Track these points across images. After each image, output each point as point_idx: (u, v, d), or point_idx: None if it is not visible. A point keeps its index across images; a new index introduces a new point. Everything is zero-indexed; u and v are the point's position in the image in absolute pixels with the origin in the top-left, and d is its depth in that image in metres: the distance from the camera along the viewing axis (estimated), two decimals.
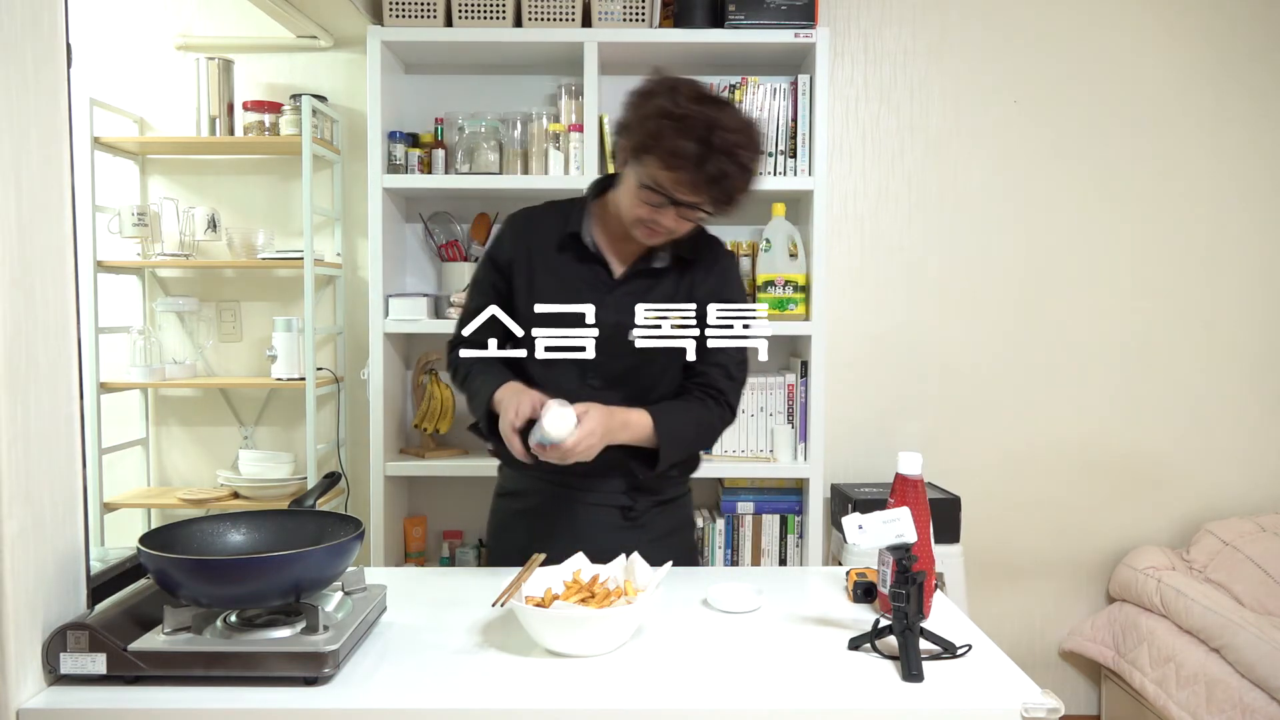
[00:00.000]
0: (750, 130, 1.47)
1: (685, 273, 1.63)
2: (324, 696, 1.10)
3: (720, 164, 1.42)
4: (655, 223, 1.50)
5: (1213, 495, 2.92)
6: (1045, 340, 2.89)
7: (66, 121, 1.17)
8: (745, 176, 1.46)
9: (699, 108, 1.43)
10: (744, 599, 1.42)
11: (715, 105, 1.45)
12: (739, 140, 1.43)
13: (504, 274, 1.63)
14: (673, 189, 1.45)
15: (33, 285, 1.10)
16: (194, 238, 2.72)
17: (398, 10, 2.51)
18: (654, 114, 1.45)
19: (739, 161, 1.43)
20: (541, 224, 1.64)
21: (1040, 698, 1.10)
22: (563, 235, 1.60)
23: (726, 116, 1.44)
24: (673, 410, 1.59)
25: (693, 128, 1.41)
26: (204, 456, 2.89)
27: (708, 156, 1.41)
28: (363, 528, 1.26)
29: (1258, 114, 2.86)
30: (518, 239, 1.64)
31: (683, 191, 1.45)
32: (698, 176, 1.42)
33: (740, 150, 1.43)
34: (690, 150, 1.41)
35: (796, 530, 2.68)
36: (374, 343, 2.57)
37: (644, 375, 1.61)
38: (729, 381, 1.64)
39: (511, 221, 1.68)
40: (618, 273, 1.61)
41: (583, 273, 1.60)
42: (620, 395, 1.58)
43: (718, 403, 1.63)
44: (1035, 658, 2.95)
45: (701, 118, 1.41)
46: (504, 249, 1.64)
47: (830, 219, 2.81)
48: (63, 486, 1.15)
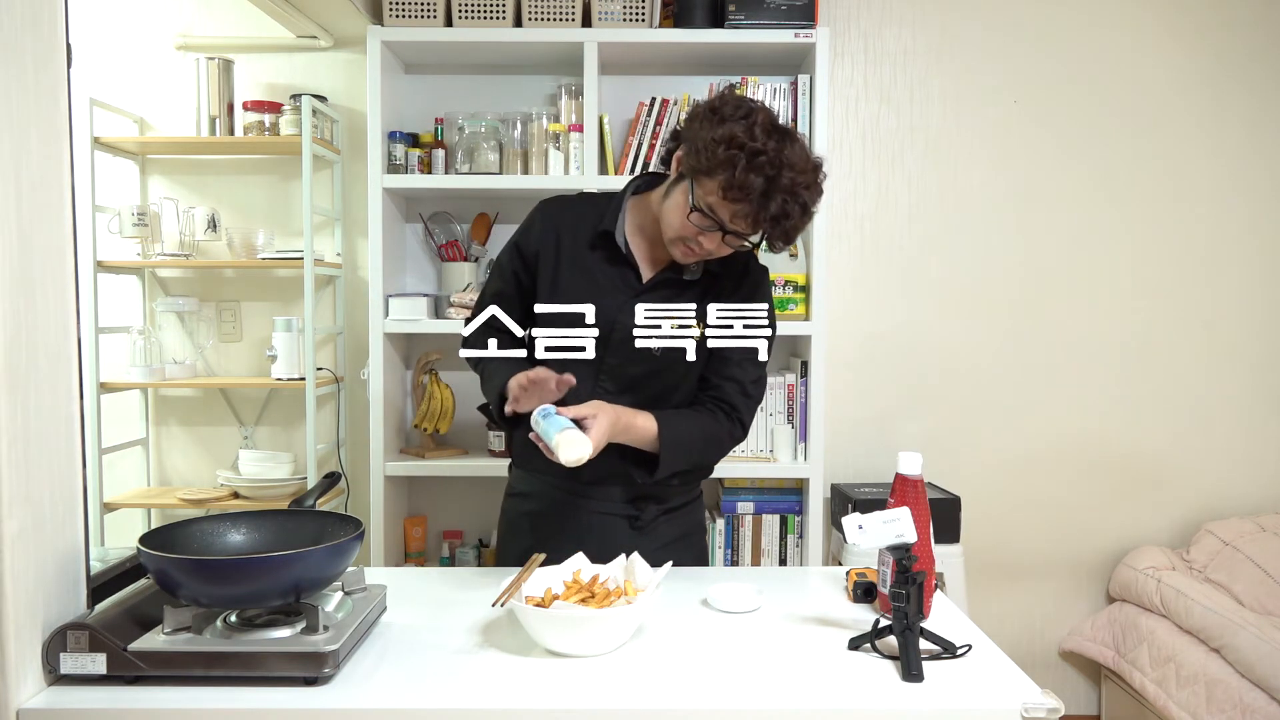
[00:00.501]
0: (817, 171, 1.44)
1: (713, 284, 1.60)
2: (324, 696, 1.10)
3: (784, 204, 1.39)
4: (698, 244, 1.47)
5: (1213, 495, 2.92)
6: (1045, 340, 2.90)
7: (66, 121, 1.17)
8: (806, 218, 1.43)
9: (772, 143, 1.39)
10: (744, 599, 1.42)
11: (787, 141, 1.41)
12: (805, 181, 1.40)
13: (529, 264, 1.59)
14: (728, 219, 1.42)
15: (33, 285, 1.10)
16: (194, 238, 2.72)
17: (398, 10, 2.51)
18: (724, 140, 1.39)
19: (801, 202, 1.40)
20: (574, 216, 1.60)
21: (1040, 698, 1.10)
22: (595, 232, 1.57)
23: (796, 155, 1.40)
24: (680, 419, 1.56)
25: (763, 164, 1.37)
26: (204, 456, 2.89)
27: (773, 195, 1.38)
28: (363, 528, 1.26)
29: (1258, 114, 2.86)
30: (547, 228, 1.59)
31: (738, 223, 1.42)
32: (759, 214, 1.40)
33: (804, 191, 1.40)
34: (757, 186, 1.37)
35: (796, 530, 2.68)
36: (374, 343, 2.57)
37: (659, 383, 1.59)
38: (744, 398, 1.61)
39: (543, 209, 1.63)
40: (646, 277, 1.59)
41: (610, 273, 1.57)
42: (632, 400, 1.57)
43: (729, 417, 1.60)
44: (1035, 658, 2.95)
45: (774, 154, 1.38)
46: (533, 238, 1.59)
47: (830, 219, 2.81)
48: (63, 486, 1.15)
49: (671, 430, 1.53)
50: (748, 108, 1.43)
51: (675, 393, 1.62)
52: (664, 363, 1.55)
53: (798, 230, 1.45)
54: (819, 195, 1.45)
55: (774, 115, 1.45)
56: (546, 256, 1.58)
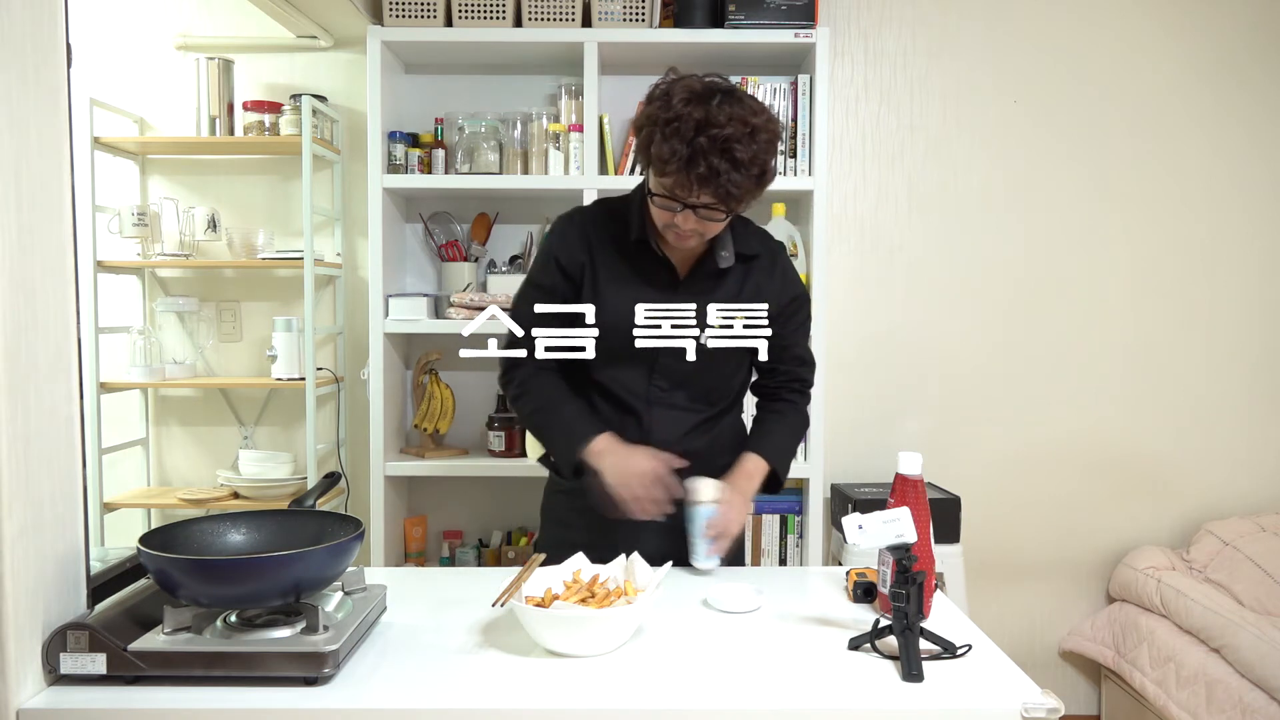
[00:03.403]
0: (750, 122, 1.40)
1: (750, 271, 1.61)
2: (324, 696, 1.10)
3: (711, 163, 1.38)
4: (678, 227, 1.48)
5: (1213, 495, 2.92)
6: (1045, 340, 2.89)
7: (66, 121, 1.17)
8: (745, 171, 1.40)
9: (689, 108, 1.39)
10: (744, 599, 1.42)
11: (709, 102, 1.40)
12: (733, 134, 1.38)
13: (572, 278, 1.59)
14: (675, 192, 1.43)
15: (33, 285, 1.10)
16: (194, 238, 2.72)
17: (398, 10, 2.51)
18: (645, 122, 1.44)
19: (733, 157, 1.38)
20: (601, 226, 1.61)
21: (1040, 698, 1.10)
22: (625, 240, 1.58)
23: (721, 113, 1.39)
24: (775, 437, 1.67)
25: (679, 130, 1.38)
26: (204, 456, 2.89)
27: (696, 157, 1.38)
28: (363, 528, 1.26)
29: (1258, 114, 2.86)
30: (580, 240, 1.60)
31: (683, 194, 1.43)
32: (688, 178, 1.39)
33: (735, 145, 1.38)
34: (678, 153, 1.38)
35: (796, 530, 2.68)
36: (374, 343, 2.57)
37: (711, 376, 1.61)
38: (806, 367, 1.70)
39: (570, 222, 1.63)
40: (681, 273, 1.60)
41: (647, 275, 1.58)
42: (686, 395, 1.61)
43: (802, 394, 1.71)
44: (1035, 658, 2.95)
45: (688, 118, 1.38)
46: (574, 252, 1.59)
47: (830, 219, 2.81)
48: (63, 486, 1.15)
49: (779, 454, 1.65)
50: (669, 85, 1.45)
51: (728, 384, 1.66)
52: (717, 358, 1.56)
53: (745, 188, 1.41)
54: (763, 147, 1.42)
55: (701, 80, 1.44)
56: (587, 268, 1.58)
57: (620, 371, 1.58)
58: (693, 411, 1.63)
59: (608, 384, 1.60)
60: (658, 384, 1.59)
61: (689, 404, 1.62)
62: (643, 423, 1.60)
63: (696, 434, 1.63)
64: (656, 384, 1.59)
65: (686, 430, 1.62)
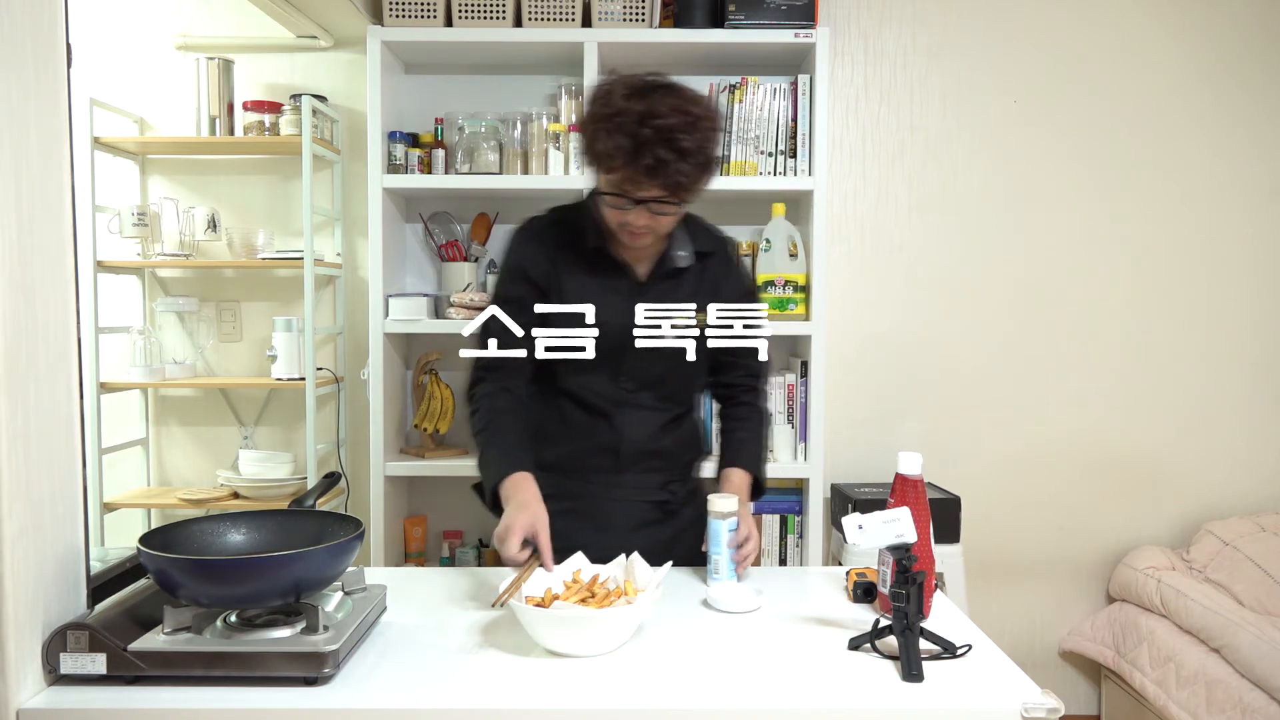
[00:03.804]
0: (691, 111, 1.41)
1: (706, 268, 1.63)
2: (324, 696, 1.10)
3: (656, 153, 1.38)
4: (630, 225, 1.48)
5: (1213, 495, 2.92)
6: (1045, 340, 2.89)
7: (66, 121, 1.17)
8: (690, 160, 1.40)
9: (629, 103, 1.40)
10: (744, 599, 1.42)
11: (653, 95, 1.41)
12: (675, 124, 1.38)
13: (540, 287, 1.59)
14: (623, 188, 1.43)
15: (33, 285, 1.10)
16: (194, 238, 2.72)
17: (398, 10, 2.51)
18: (587, 121, 1.44)
19: (678, 147, 1.38)
20: (559, 234, 1.61)
21: (1040, 698, 1.10)
22: (584, 247, 1.58)
23: (662, 104, 1.39)
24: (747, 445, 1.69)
25: (621, 124, 1.38)
26: (204, 456, 2.89)
27: (641, 149, 1.38)
28: (363, 528, 1.26)
29: (1258, 113, 2.86)
30: (542, 250, 1.60)
31: (631, 189, 1.43)
32: (636, 171, 1.39)
33: (680, 135, 1.38)
34: (622, 146, 1.38)
35: (796, 530, 2.68)
36: (374, 343, 2.57)
37: (678, 376, 1.61)
38: (763, 364, 1.70)
39: (531, 234, 1.63)
40: (642, 276, 1.60)
41: (609, 281, 1.58)
42: (654, 395, 1.61)
43: (758, 392, 1.74)
44: (1035, 658, 2.95)
45: (630, 112, 1.38)
46: (538, 260, 1.59)
47: (830, 219, 2.81)
48: (63, 486, 1.15)
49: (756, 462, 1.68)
50: (608, 83, 1.46)
51: (693, 383, 1.68)
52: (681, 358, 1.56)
53: (692, 177, 1.43)
54: (706, 136, 1.43)
55: (639, 77, 1.44)
56: (551, 276, 1.59)
57: (588, 377, 1.58)
58: (660, 411, 1.63)
59: (577, 390, 1.60)
60: (625, 386, 1.59)
61: (657, 404, 1.62)
62: (613, 424, 1.60)
63: (665, 433, 1.63)
64: (624, 386, 1.59)
65: (655, 430, 1.62)
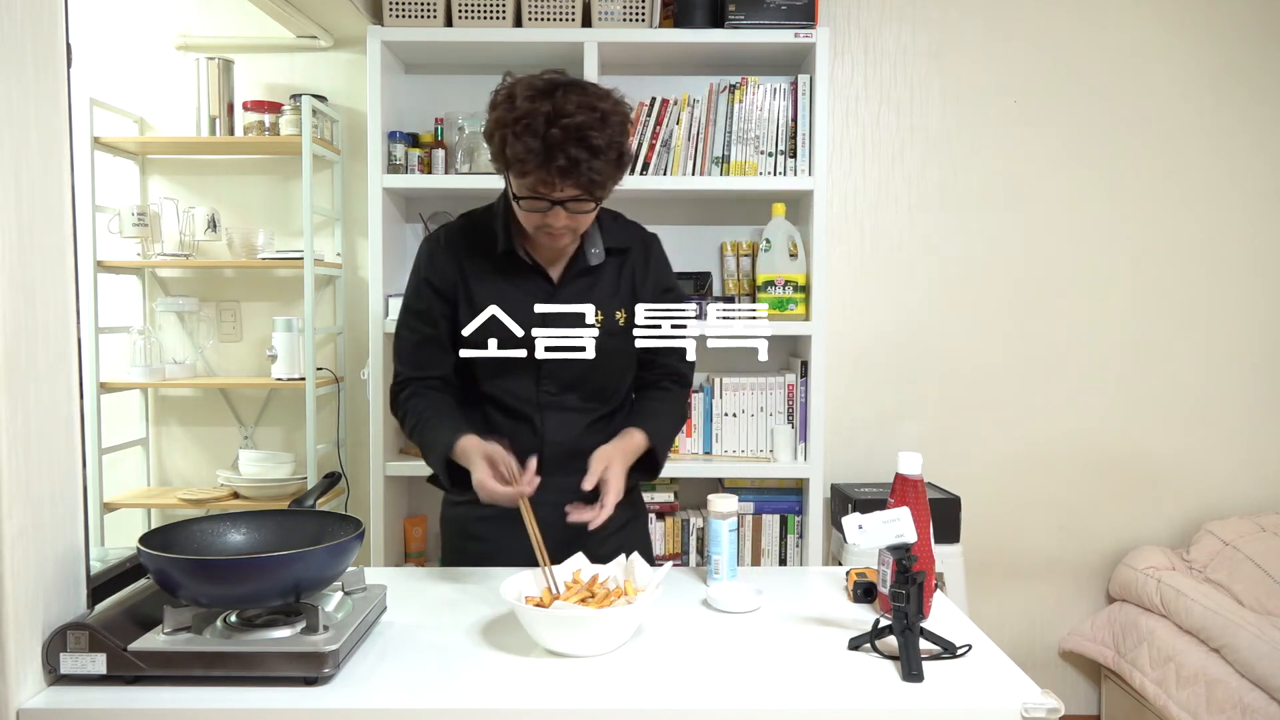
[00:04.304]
0: (599, 107, 1.39)
1: (622, 265, 1.61)
2: (324, 696, 1.10)
3: (569, 152, 1.36)
4: (549, 226, 1.46)
5: (1213, 495, 2.92)
6: (1045, 340, 2.89)
7: (66, 121, 1.17)
8: (603, 157, 1.39)
9: (535, 104, 1.37)
10: (744, 599, 1.42)
11: (558, 94, 1.38)
12: (586, 121, 1.36)
13: (448, 298, 1.58)
14: (539, 190, 1.41)
15: (33, 285, 1.10)
16: (194, 238, 2.72)
17: (398, 10, 2.51)
18: (494, 126, 1.42)
19: (590, 145, 1.37)
20: (468, 240, 1.60)
21: (1040, 698, 1.10)
22: (494, 252, 1.56)
23: (568, 102, 1.37)
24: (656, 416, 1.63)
25: (529, 126, 1.36)
26: (204, 456, 2.89)
27: (552, 150, 1.36)
28: (363, 528, 1.26)
29: (1258, 113, 2.86)
30: (450, 259, 1.58)
31: (547, 190, 1.41)
32: (549, 173, 1.37)
33: (591, 132, 1.37)
34: (533, 148, 1.36)
35: (796, 530, 2.68)
36: (374, 343, 2.57)
37: (600, 375, 1.60)
38: (686, 364, 1.69)
39: (438, 244, 1.62)
40: (555, 277, 1.59)
41: (522, 284, 1.57)
42: (577, 396, 1.60)
43: (682, 387, 1.70)
44: (1035, 658, 2.95)
45: (537, 113, 1.36)
46: (445, 272, 1.58)
47: (830, 219, 2.81)
48: (63, 486, 1.15)
49: (659, 433, 1.60)
50: (510, 86, 1.43)
51: (619, 381, 1.66)
52: (599, 355, 1.55)
53: (606, 174, 1.41)
54: (616, 131, 1.41)
55: (544, 78, 1.42)
56: (460, 287, 1.57)
57: (508, 381, 1.57)
58: (585, 412, 1.61)
59: (498, 395, 1.59)
60: (546, 388, 1.58)
61: (581, 404, 1.61)
62: (536, 427, 1.58)
63: (591, 433, 1.60)
64: (545, 388, 1.58)
65: (580, 430, 1.60)
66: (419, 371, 1.61)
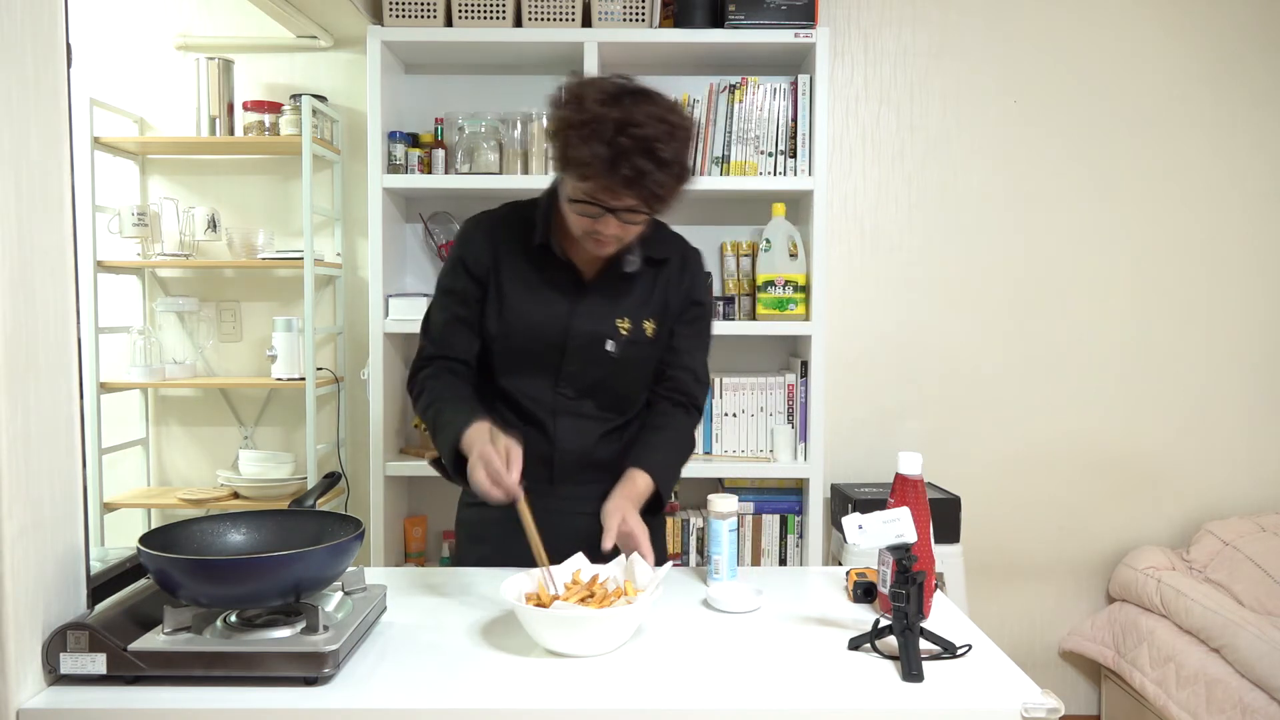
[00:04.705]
0: (667, 119, 1.36)
1: (658, 275, 1.58)
2: (324, 696, 1.10)
3: (635, 163, 1.33)
4: (598, 233, 1.43)
5: (1213, 495, 2.92)
6: (1045, 340, 2.90)
7: (66, 121, 1.17)
8: (669, 171, 1.36)
9: (605, 109, 1.34)
10: (744, 599, 1.42)
11: (627, 101, 1.35)
12: (655, 134, 1.33)
13: (480, 282, 1.56)
14: (597, 197, 1.38)
15: (33, 285, 1.10)
16: (194, 238, 2.72)
17: (398, 10, 2.51)
18: (560, 126, 1.38)
19: (657, 157, 1.34)
20: (507, 229, 1.57)
21: (1040, 698, 1.10)
22: (531, 244, 1.54)
23: (639, 112, 1.34)
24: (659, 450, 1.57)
25: (598, 131, 1.33)
26: (204, 456, 2.89)
27: (619, 159, 1.33)
28: (363, 528, 1.26)
29: (1258, 113, 2.86)
30: (486, 245, 1.56)
31: (606, 198, 1.37)
32: (613, 181, 1.34)
33: (659, 144, 1.34)
34: (600, 155, 1.33)
35: (796, 530, 2.68)
36: (374, 343, 2.58)
37: (617, 384, 1.58)
38: (698, 385, 1.64)
39: (479, 226, 1.59)
40: (588, 277, 1.56)
41: (552, 280, 1.54)
42: (594, 403, 1.57)
43: (688, 411, 1.64)
44: (1035, 658, 2.95)
45: (607, 119, 1.33)
46: (481, 255, 1.55)
47: (830, 219, 2.81)
48: (63, 486, 1.15)
49: (664, 475, 1.55)
50: (579, 87, 1.39)
51: (634, 392, 1.62)
52: (621, 364, 1.54)
53: (669, 188, 1.38)
54: (683, 145, 1.38)
55: (612, 81, 1.39)
56: (492, 272, 1.55)
57: (525, 380, 1.55)
58: (600, 420, 1.58)
59: (513, 393, 1.56)
60: (563, 392, 1.55)
61: (597, 412, 1.58)
62: (548, 432, 1.56)
63: (604, 443, 1.59)
64: (562, 392, 1.55)
65: (594, 439, 1.58)
66: (445, 350, 1.57)
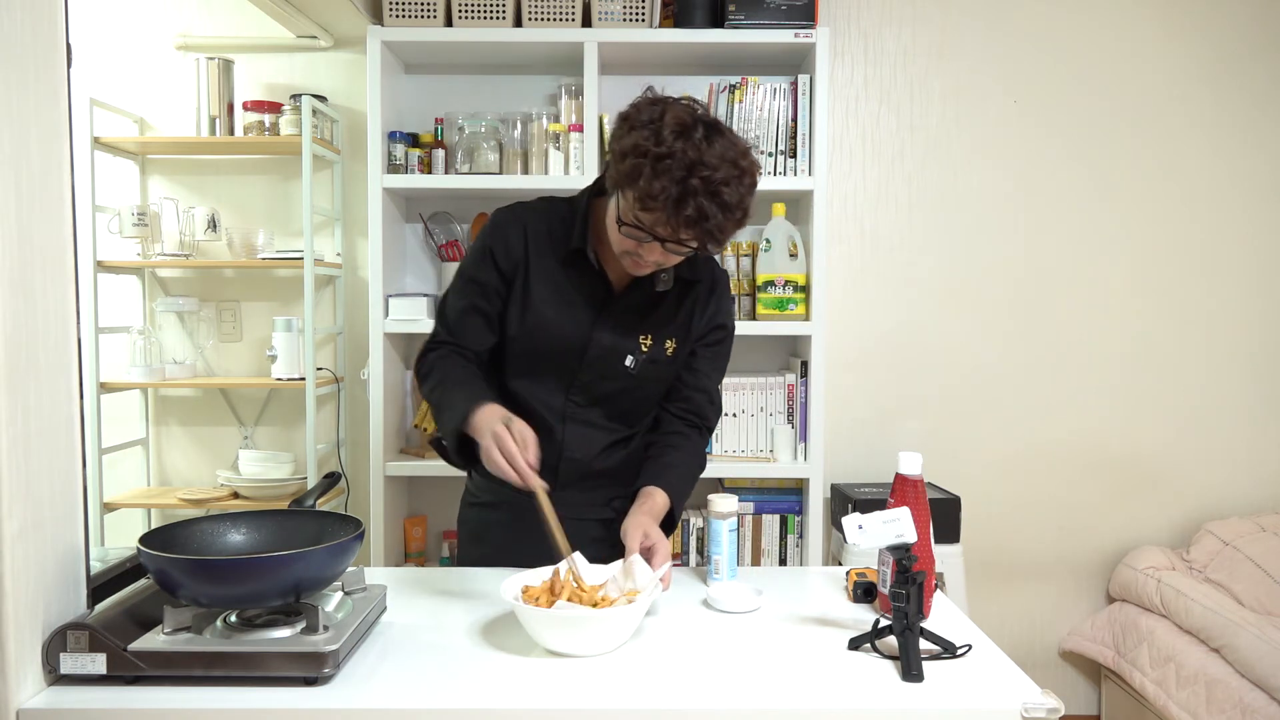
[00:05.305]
0: (738, 163, 1.35)
1: (686, 295, 1.57)
2: (324, 696, 1.10)
3: (700, 205, 1.31)
4: (639, 257, 1.41)
5: (1213, 495, 2.92)
6: (1045, 340, 2.90)
7: (66, 121, 1.17)
8: (730, 214, 1.34)
9: (680, 144, 1.31)
10: (744, 599, 1.42)
11: (701, 138, 1.33)
12: (723, 177, 1.32)
13: (506, 277, 1.53)
14: (652, 228, 1.36)
15: (33, 285, 1.10)
16: (194, 238, 2.72)
17: (398, 10, 2.51)
18: (631, 150, 1.34)
19: (721, 200, 1.32)
20: (541, 226, 1.54)
21: (1040, 698, 1.10)
22: (564, 247, 1.51)
23: (711, 152, 1.32)
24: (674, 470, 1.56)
25: (670, 168, 1.30)
26: (204, 456, 2.89)
27: (685, 198, 1.31)
28: (363, 528, 1.26)
29: (1257, 113, 2.86)
30: (518, 238, 1.52)
31: (661, 230, 1.36)
32: (675, 219, 1.32)
33: (724, 188, 1.32)
34: (667, 192, 1.30)
35: (796, 530, 2.68)
36: (374, 343, 2.57)
37: (630, 398, 1.57)
38: (712, 408, 1.64)
39: (514, 218, 1.54)
40: (617, 288, 1.54)
41: (582, 287, 1.52)
42: (603, 413, 1.57)
43: (701, 432, 1.63)
44: (1035, 658, 2.95)
45: (681, 156, 1.30)
46: (513, 250, 1.52)
47: (830, 219, 2.81)
48: (63, 486, 1.15)
49: (679, 491, 1.55)
50: (655, 111, 1.36)
51: (645, 407, 1.61)
52: (637, 380, 1.53)
53: (725, 230, 1.36)
54: (747, 190, 1.36)
55: (690, 111, 1.36)
56: (521, 267, 1.52)
57: (536, 383, 1.54)
58: (608, 430, 1.58)
59: (523, 395, 1.54)
60: (574, 399, 1.54)
61: (605, 422, 1.57)
62: (556, 439, 1.54)
63: (609, 453, 1.58)
64: (573, 399, 1.54)
65: (600, 449, 1.57)
66: (457, 339, 1.55)
